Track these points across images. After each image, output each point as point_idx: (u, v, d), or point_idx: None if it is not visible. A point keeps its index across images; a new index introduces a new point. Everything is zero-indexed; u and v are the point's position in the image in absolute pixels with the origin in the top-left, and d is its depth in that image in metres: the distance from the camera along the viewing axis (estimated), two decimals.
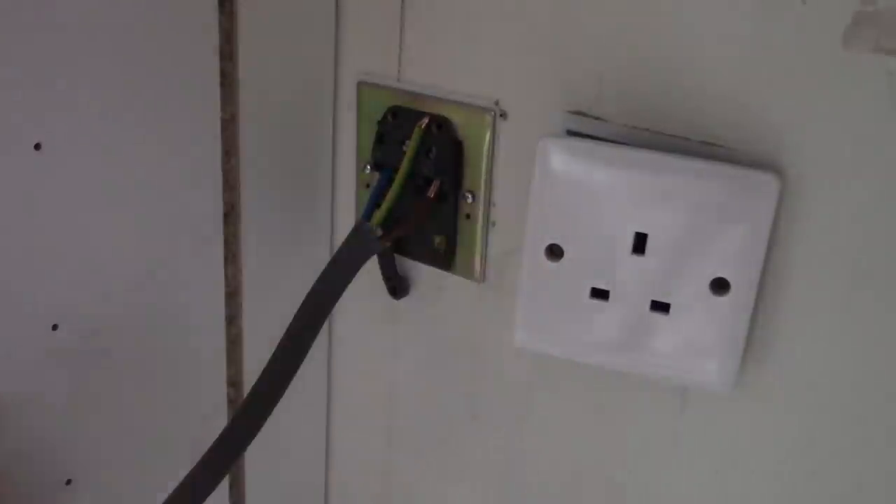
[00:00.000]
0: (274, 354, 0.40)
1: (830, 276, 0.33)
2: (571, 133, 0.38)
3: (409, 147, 0.42)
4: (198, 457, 0.39)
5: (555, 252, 0.36)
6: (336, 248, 0.42)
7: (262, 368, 0.40)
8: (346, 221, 0.49)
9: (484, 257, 0.43)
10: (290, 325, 0.40)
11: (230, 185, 0.43)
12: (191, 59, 0.39)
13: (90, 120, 0.36)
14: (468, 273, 0.44)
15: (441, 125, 0.41)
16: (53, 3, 0.33)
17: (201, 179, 0.42)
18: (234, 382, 0.47)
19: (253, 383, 0.40)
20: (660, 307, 0.35)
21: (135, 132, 0.38)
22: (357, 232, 0.41)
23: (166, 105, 0.39)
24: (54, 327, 0.37)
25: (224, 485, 0.48)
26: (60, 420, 0.39)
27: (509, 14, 0.39)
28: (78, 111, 0.35)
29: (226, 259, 0.44)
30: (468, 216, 0.42)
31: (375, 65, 0.44)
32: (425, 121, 0.41)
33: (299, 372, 0.40)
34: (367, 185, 0.46)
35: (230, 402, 0.47)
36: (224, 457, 0.39)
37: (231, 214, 0.44)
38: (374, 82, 0.44)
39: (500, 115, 0.40)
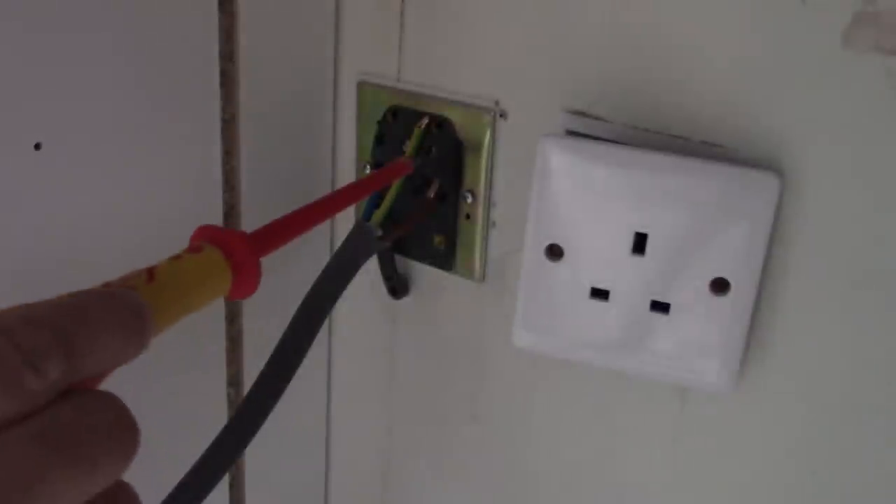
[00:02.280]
0: (273, 354, 0.40)
1: (830, 275, 0.33)
2: (571, 133, 0.38)
3: (409, 147, 0.42)
4: (198, 457, 0.39)
5: (555, 252, 0.36)
6: (336, 249, 0.42)
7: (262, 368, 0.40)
8: (346, 221, 0.49)
9: (484, 257, 0.43)
10: (290, 324, 0.40)
11: (230, 185, 0.43)
12: (191, 59, 0.39)
13: (90, 120, 0.36)
14: (468, 273, 0.44)
15: (441, 125, 0.41)
16: (53, 2, 0.33)
17: (201, 179, 0.42)
18: (234, 382, 0.47)
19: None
20: (660, 307, 0.35)
21: (135, 132, 0.38)
22: (357, 232, 0.41)
23: (166, 105, 0.39)
24: None
25: (224, 485, 0.48)
26: None
27: (509, 14, 0.39)
28: (78, 111, 0.35)
29: None
30: (468, 216, 0.42)
31: (375, 65, 0.44)
32: (425, 121, 0.41)
33: (299, 372, 0.40)
34: None
35: (230, 402, 0.47)
36: (223, 456, 0.39)
37: (231, 214, 0.44)
38: (374, 82, 0.44)
39: (500, 115, 0.40)
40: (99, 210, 0.38)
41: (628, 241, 0.35)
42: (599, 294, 0.36)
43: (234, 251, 0.27)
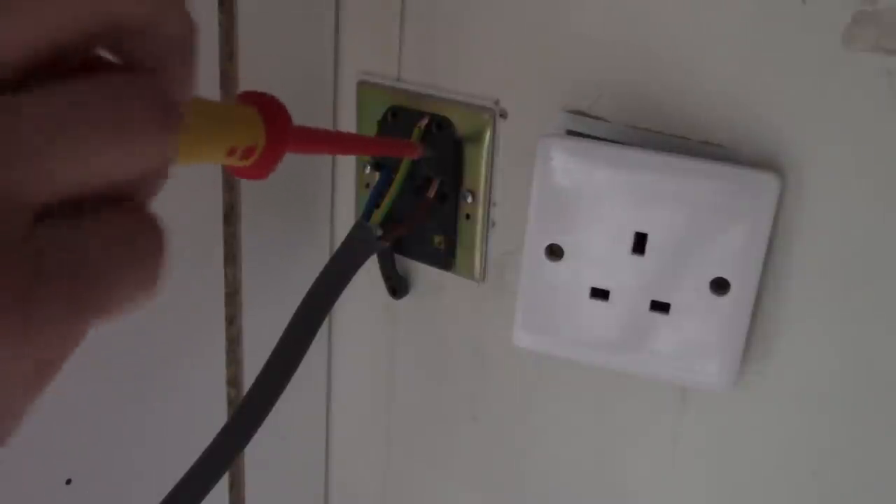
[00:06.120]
0: (272, 354, 0.40)
1: (830, 275, 0.33)
2: (571, 133, 0.38)
3: None
4: (197, 456, 0.39)
5: (555, 252, 0.36)
6: (336, 248, 0.42)
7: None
8: (346, 221, 0.49)
9: (484, 257, 0.43)
10: (289, 324, 0.40)
11: (230, 185, 0.43)
12: None
13: None
14: (468, 273, 0.44)
15: (441, 125, 0.41)
16: None
17: (201, 179, 0.42)
18: (234, 382, 0.47)
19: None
20: (659, 307, 0.35)
21: None
22: (357, 232, 0.41)
23: None
24: None
25: (224, 485, 0.48)
26: (60, 420, 0.39)
27: (509, 14, 0.39)
28: None
29: (226, 259, 0.44)
30: (468, 216, 0.42)
31: (375, 65, 0.44)
32: (425, 121, 0.41)
33: (299, 371, 0.40)
34: (367, 185, 0.46)
35: (230, 402, 0.47)
36: (222, 456, 0.39)
37: (231, 214, 0.44)
38: (374, 82, 0.44)
39: (500, 115, 0.40)
40: None
41: (628, 241, 0.35)
42: (599, 294, 0.36)
43: (270, 115, 0.25)
